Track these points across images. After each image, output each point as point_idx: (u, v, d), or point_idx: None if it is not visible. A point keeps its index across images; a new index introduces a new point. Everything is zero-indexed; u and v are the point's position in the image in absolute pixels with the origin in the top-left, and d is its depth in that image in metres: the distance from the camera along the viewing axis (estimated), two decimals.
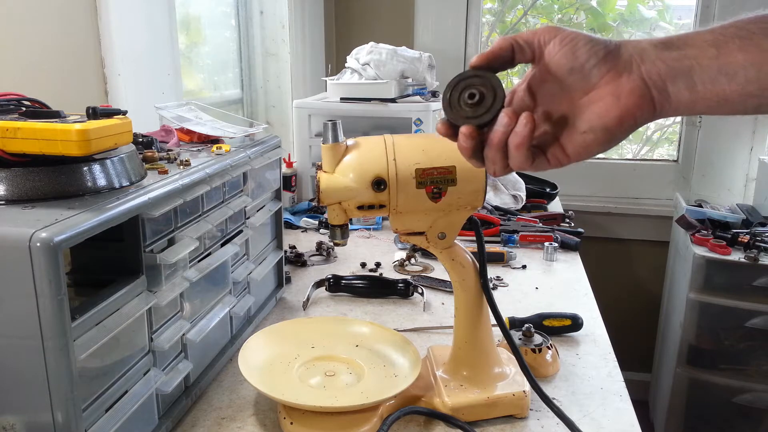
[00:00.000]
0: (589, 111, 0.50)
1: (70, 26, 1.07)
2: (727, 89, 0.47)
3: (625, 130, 0.50)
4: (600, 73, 0.49)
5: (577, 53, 0.50)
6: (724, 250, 1.70)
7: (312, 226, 1.61)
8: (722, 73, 0.47)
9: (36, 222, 0.53)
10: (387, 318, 1.08)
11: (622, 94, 0.49)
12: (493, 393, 0.78)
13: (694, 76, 0.48)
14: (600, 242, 2.32)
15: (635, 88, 0.49)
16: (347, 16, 2.35)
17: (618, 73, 0.49)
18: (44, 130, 0.60)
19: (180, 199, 0.72)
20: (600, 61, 0.49)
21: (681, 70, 0.48)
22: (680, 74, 0.48)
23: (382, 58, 1.74)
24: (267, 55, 2.01)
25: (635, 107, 0.49)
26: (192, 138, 0.98)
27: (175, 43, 1.32)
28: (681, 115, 0.51)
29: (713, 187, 2.25)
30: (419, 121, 1.66)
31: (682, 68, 0.48)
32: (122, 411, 0.63)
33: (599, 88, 0.50)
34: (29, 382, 0.54)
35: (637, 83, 0.49)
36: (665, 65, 0.48)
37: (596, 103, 0.50)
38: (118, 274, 0.65)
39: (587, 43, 0.50)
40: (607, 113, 0.50)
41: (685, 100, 0.48)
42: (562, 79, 0.51)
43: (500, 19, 2.47)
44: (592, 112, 0.50)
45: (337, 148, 0.73)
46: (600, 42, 0.50)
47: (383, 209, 0.73)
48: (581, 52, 0.50)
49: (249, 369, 0.78)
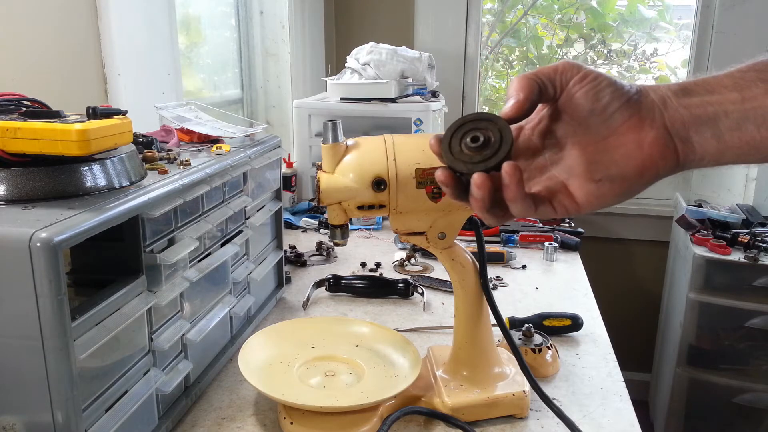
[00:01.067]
0: (607, 158, 0.46)
1: (70, 26, 1.07)
2: (757, 136, 0.43)
3: (644, 182, 0.46)
4: (622, 118, 0.45)
5: (600, 94, 0.45)
6: (724, 250, 1.70)
7: (312, 226, 1.61)
8: (749, 119, 0.43)
9: (36, 222, 0.53)
10: (387, 318, 1.08)
11: (644, 143, 0.45)
12: (493, 393, 0.78)
13: (719, 124, 0.44)
14: (600, 242, 2.32)
15: (659, 137, 0.44)
16: (347, 16, 2.35)
17: (641, 119, 0.45)
18: (44, 130, 0.60)
19: (180, 199, 0.72)
20: (623, 105, 0.45)
21: (706, 118, 0.44)
22: (705, 122, 0.44)
23: (382, 58, 1.74)
24: (267, 55, 2.01)
25: (659, 157, 0.45)
26: (192, 138, 0.98)
27: (175, 43, 1.32)
28: (707, 167, 0.46)
29: (713, 187, 2.25)
30: (419, 121, 1.66)
31: (707, 115, 0.44)
32: (122, 411, 0.63)
33: (620, 134, 0.45)
34: (29, 382, 0.54)
35: (661, 132, 0.45)
36: (689, 113, 0.44)
37: (615, 150, 0.46)
38: (118, 274, 0.65)
39: (610, 84, 0.45)
40: (627, 162, 0.45)
41: (712, 149, 0.44)
42: (580, 121, 0.46)
43: (500, 19, 2.47)
44: (610, 159, 0.46)
45: (337, 148, 0.73)
46: (623, 85, 0.46)
47: (383, 209, 0.73)
48: (604, 93, 0.45)
49: (249, 369, 0.78)
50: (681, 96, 0.45)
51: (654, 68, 2.41)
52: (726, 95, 0.44)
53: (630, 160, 0.45)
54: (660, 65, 2.40)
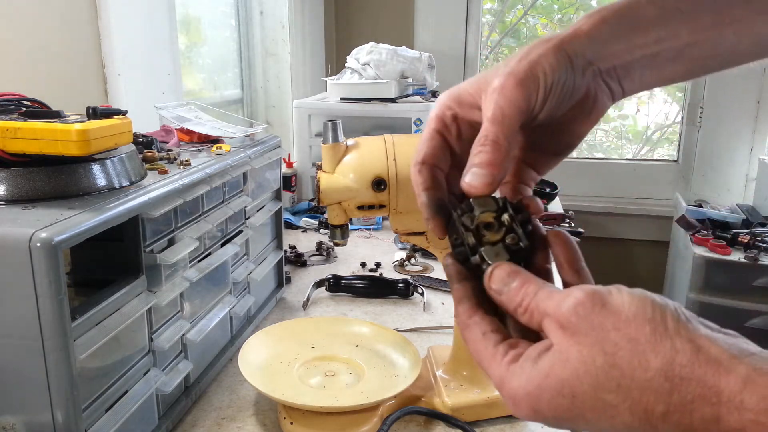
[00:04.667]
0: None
1: (70, 26, 1.07)
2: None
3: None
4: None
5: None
6: (724, 250, 1.70)
7: (312, 226, 1.60)
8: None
9: (36, 222, 0.52)
10: (387, 318, 1.08)
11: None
12: (493, 393, 0.78)
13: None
14: (600, 242, 2.32)
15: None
16: (347, 16, 2.35)
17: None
18: (44, 130, 0.60)
19: (180, 199, 0.72)
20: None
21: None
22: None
23: (382, 58, 1.74)
24: (267, 55, 2.01)
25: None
26: (192, 138, 0.98)
27: (175, 43, 1.32)
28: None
29: (713, 187, 2.25)
30: (419, 121, 1.66)
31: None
32: (122, 411, 0.63)
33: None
34: (29, 382, 0.54)
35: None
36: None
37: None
38: (118, 274, 0.65)
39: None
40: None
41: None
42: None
43: (500, 19, 2.47)
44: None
45: (337, 148, 0.73)
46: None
47: (383, 209, 0.73)
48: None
49: (249, 369, 0.78)
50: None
51: None
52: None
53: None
54: None
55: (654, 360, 0.30)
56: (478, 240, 0.39)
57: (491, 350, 0.36)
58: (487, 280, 0.38)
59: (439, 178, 0.44)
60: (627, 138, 2.58)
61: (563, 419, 0.33)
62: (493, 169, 0.38)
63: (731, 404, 0.29)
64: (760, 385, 0.28)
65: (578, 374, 0.32)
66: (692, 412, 0.29)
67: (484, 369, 0.37)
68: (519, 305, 0.36)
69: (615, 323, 0.31)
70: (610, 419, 0.32)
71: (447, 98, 0.44)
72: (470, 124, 0.43)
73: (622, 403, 0.31)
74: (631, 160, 2.49)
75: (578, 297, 0.33)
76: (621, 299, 0.32)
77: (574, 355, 0.32)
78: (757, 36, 0.43)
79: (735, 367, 0.29)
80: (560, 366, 0.32)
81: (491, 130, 0.39)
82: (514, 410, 0.35)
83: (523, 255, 0.38)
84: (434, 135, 0.44)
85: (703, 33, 0.42)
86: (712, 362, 0.29)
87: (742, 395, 0.28)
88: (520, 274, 0.37)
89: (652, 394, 0.30)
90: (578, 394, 0.32)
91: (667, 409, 0.30)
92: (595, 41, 0.41)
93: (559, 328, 0.33)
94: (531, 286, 0.36)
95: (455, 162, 0.44)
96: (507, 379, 0.35)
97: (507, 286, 0.36)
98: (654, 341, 0.31)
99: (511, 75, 0.39)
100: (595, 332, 0.32)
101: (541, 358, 0.34)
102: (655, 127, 2.54)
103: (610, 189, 2.35)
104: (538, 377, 0.33)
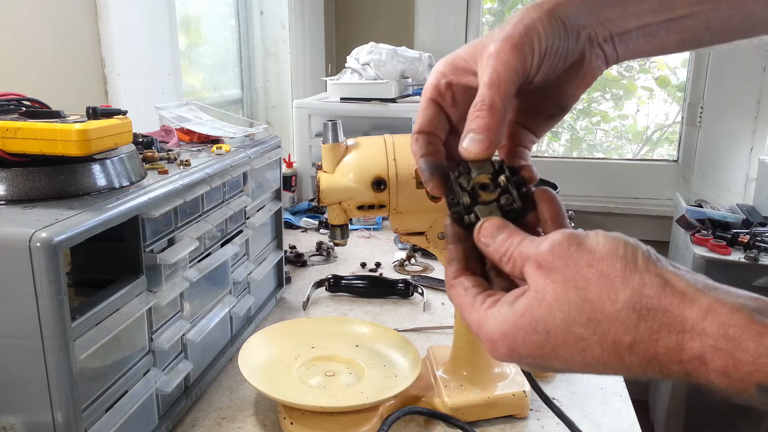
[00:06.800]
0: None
1: (70, 26, 1.07)
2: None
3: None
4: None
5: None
6: (724, 250, 1.70)
7: (312, 226, 1.60)
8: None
9: (36, 222, 0.53)
10: (387, 318, 1.08)
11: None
12: (493, 393, 0.78)
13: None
14: None
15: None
16: (347, 16, 2.35)
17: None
18: (44, 130, 0.60)
19: (180, 199, 0.72)
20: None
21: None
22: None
23: (382, 58, 1.74)
24: (267, 55, 2.01)
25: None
26: (192, 138, 0.98)
27: (175, 43, 1.32)
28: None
29: (713, 187, 2.25)
30: None
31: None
32: (122, 411, 0.63)
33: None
34: (29, 382, 0.54)
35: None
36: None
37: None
38: (118, 274, 0.65)
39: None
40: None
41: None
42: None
43: (500, 19, 2.47)
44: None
45: (337, 148, 0.73)
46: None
47: (383, 209, 0.73)
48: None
49: (249, 369, 0.78)
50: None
51: (654, 68, 2.41)
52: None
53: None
54: (660, 65, 2.40)
55: (623, 293, 0.32)
56: (473, 200, 0.40)
57: (471, 299, 0.38)
58: (476, 234, 0.39)
59: (437, 145, 0.45)
60: (627, 138, 2.58)
61: (538, 357, 0.34)
62: (490, 134, 0.39)
63: (694, 332, 0.30)
64: (721, 314, 0.30)
65: (551, 310, 0.33)
66: (657, 342, 0.31)
67: (465, 318, 0.38)
68: (504, 254, 0.37)
69: (589, 261, 0.33)
70: (581, 352, 0.33)
71: (442, 66, 0.45)
72: (465, 89, 0.44)
73: (592, 335, 0.32)
74: (631, 160, 2.48)
75: (556, 238, 0.34)
76: (596, 240, 0.34)
77: (549, 293, 0.33)
78: (750, 12, 0.43)
79: (699, 299, 0.31)
80: (536, 304, 0.34)
81: (487, 94, 0.39)
82: (491, 352, 0.36)
83: (516, 216, 0.39)
84: (429, 104, 0.45)
85: (699, 5, 0.42)
86: (677, 293, 0.31)
87: (703, 323, 0.30)
88: (508, 227, 0.38)
89: (621, 326, 0.31)
90: (551, 329, 0.33)
91: (633, 339, 0.31)
92: (588, 5, 0.42)
93: (537, 269, 0.34)
94: (516, 237, 0.37)
95: (453, 129, 0.45)
96: (484, 322, 0.36)
97: (494, 239, 0.38)
98: (624, 276, 0.32)
99: (507, 40, 0.39)
100: (569, 269, 0.33)
101: (518, 300, 0.35)
102: (655, 127, 2.53)
103: (610, 189, 2.35)
104: (514, 317, 0.34)
